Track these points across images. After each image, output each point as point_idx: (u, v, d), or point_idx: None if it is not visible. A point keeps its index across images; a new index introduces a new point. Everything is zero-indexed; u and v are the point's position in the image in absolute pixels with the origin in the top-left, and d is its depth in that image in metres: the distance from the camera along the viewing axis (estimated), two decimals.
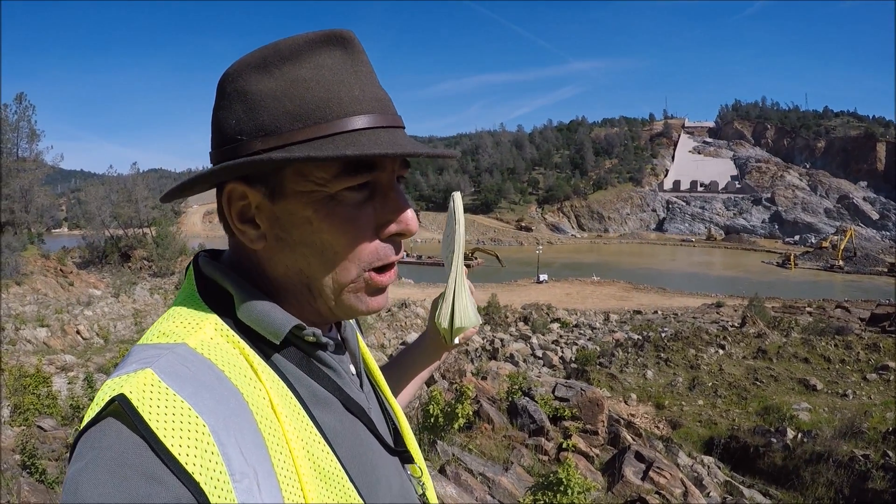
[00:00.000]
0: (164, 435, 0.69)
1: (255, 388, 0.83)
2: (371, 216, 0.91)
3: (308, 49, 0.89)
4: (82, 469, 0.68)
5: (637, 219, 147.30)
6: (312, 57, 0.89)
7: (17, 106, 48.29)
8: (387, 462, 1.03)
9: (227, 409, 0.76)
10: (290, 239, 0.91)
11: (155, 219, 60.73)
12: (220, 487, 0.69)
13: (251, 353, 0.86)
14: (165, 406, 0.72)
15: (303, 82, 0.88)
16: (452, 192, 1.34)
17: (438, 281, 71.37)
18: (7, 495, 5.61)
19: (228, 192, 0.92)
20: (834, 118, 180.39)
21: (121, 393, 0.72)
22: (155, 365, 0.76)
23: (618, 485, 7.21)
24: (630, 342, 24.03)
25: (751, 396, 14.80)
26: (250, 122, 0.88)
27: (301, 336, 0.92)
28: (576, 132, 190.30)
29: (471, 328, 1.38)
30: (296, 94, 0.87)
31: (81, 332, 23.21)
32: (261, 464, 0.76)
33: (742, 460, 10.52)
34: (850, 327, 24.11)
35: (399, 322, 33.76)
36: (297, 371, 0.91)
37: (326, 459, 0.87)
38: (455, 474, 6.35)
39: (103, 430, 0.71)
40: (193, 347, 0.82)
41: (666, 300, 56.65)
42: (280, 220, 0.90)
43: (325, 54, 0.90)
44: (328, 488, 0.86)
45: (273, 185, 0.89)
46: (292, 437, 0.83)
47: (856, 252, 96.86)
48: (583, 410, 9.03)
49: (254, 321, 0.89)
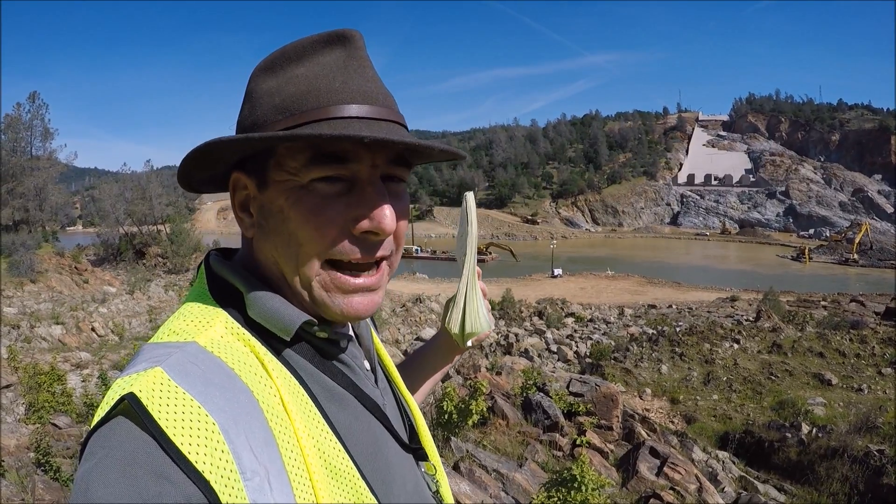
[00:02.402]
0: (173, 433, 0.69)
1: (265, 385, 0.83)
2: (342, 210, 0.89)
3: (311, 49, 0.92)
4: (92, 468, 0.68)
5: (651, 213, 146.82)
6: (314, 56, 0.92)
7: (30, 105, 48.58)
8: (401, 459, 1.03)
9: (238, 407, 0.76)
10: (268, 227, 0.92)
11: (169, 216, 60.80)
12: (230, 486, 0.69)
13: (262, 351, 0.87)
14: (175, 404, 0.72)
15: (294, 79, 0.90)
16: (465, 193, 1.31)
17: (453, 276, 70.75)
18: (22, 493, 5.64)
19: (233, 182, 0.96)
20: (848, 111, 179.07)
21: (130, 392, 0.72)
22: (165, 363, 0.77)
23: (632, 480, 7.19)
24: (645, 336, 23.99)
25: (766, 391, 14.75)
26: (249, 118, 0.93)
27: (312, 332, 0.92)
28: (589, 126, 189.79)
29: (482, 333, 1.34)
30: (284, 89, 0.90)
31: (96, 330, 23.30)
32: (272, 462, 0.76)
33: (757, 455, 10.47)
34: (865, 321, 23.93)
35: (414, 317, 33.79)
36: (309, 367, 0.91)
37: (338, 457, 0.87)
38: (469, 471, 6.35)
39: (113, 428, 0.71)
40: (203, 346, 0.83)
41: (680, 294, 56.46)
42: (263, 209, 0.92)
43: (326, 53, 0.92)
44: (339, 486, 0.85)
45: (260, 174, 0.92)
46: (303, 435, 0.83)
47: (872, 245, 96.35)
48: (597, 406, 9.02)
49: (264, 318, 0.89)
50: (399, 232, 0.97)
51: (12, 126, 46.49)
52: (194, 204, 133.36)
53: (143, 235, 59.18)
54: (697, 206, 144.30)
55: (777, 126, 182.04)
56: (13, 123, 46.63)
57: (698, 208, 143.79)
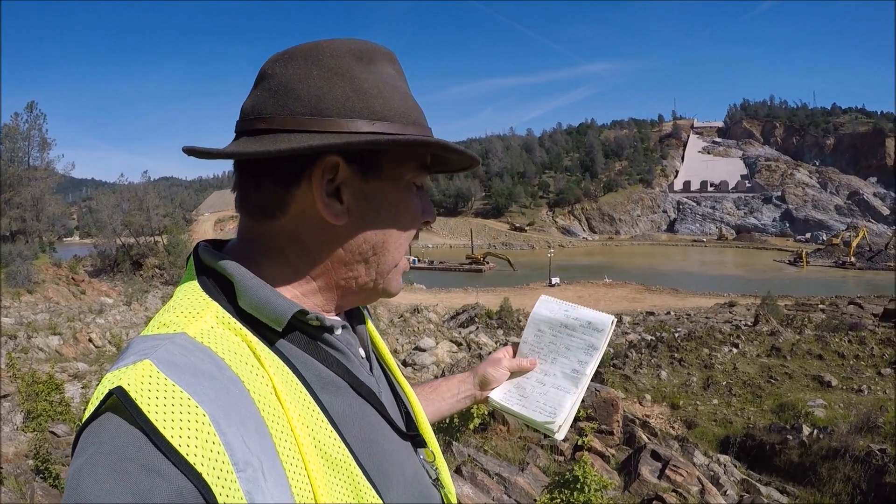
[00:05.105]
0: (163, 427, 0.69)
1: (257, 375, 0.82)
2: (420, 207, 1.02)
3: (379, 57, 0.96)
4: (83, 465, 0.68)
5: (648, 220, 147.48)
6: (382, 65, 0.96)
7: (28, 114, 48.64)
8: (399, 446, 1.03)
9: (229, 398, 0.76)
10: (378, 217, 0.95)
11: (166, 227, 60.94)
12: (223, 478, 0.69)
13: (254, 340, 0.86)
14: (164, 397, 0.71)
15: (390, 79, 0.96)
16: (613, 318, 1.48)
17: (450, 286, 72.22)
18: (21, 499, 5.62)
19: (325, 165, 0.90)
20: (842, 115, 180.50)
21: (118, 385, 0.71)
22: (153, 356, 0.76)
23: (634, 483, 7.18)
24: (643, 343, 23.92)
25: (765, 394, 14.72)
26: (360, 102, 0.91)
27: (305, 320, 0.91)
28: (585, 135, 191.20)
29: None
30: (388, 87, 0.94)
31: (94, 340, 23.27)
32: (265, 452, 0.76)
33: (758, 458, 10.46)
34: (864, 323, 23.90)
35: (412, 327, 33.79)
36: (303, 355, 0.91)
37: (333, 445, 0.87)
38: (471, 474, 6.35)
39: (103, 424, 0.71)
40: (193, 336, 0.82)
41: (679, 301, 56.57)
42: (370, 198, 0.94)
43: (387, 66, 0.97)
44: (335, 473, 0.85)
45: (369, 164, 0.93)
46: (297, 424, 0.82)
47: (871, 248, 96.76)
48: (598, 411, 9.01)
49: (255, 308, 0.88)
50: None
51: (10, 136, 46.50)
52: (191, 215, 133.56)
53: (141, 246, 59.28)
54: (694, 213, 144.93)
55: (772, 131, 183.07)
56: (11, 133, 46.66)
57: (695, 215, 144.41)
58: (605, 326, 1.45)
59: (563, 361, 1.45)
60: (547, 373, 1.46)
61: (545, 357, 1.48)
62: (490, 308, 40.78)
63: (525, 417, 1.42)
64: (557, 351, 1.47)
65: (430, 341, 26.34)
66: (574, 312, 1.50)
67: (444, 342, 27.20)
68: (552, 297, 1.57)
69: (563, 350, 1.46)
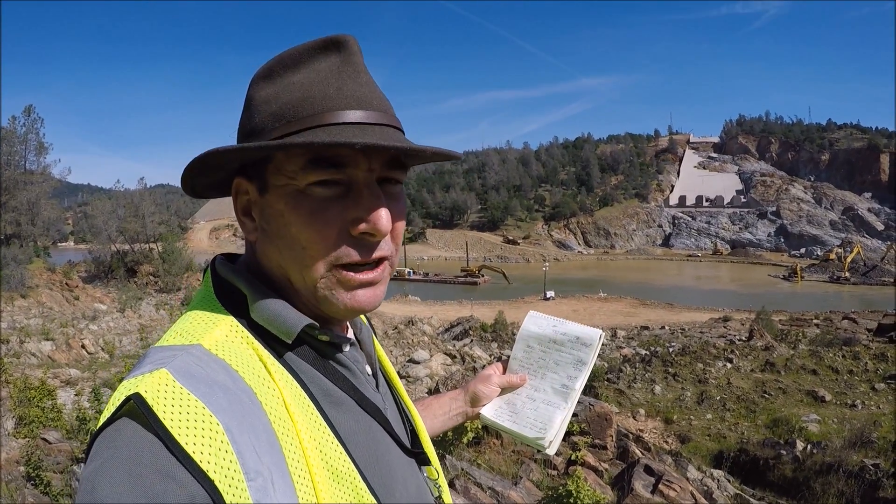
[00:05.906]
0: (178, 433, 0.70)
1: (268, 387, 0.84)
2: (339, 212, 0.92)
3: (307, 56, 0.95)
4: (98, 468, 0.69)
5: (643, 235, 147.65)
6: (310, 63, 0.95)
7: (25, 118, 48.47)
8: (403, 463, 1.04)
9: (241, 409, 0.78)
10: (270, 231, 0.95)
11: (162, 234, 60.73)
12: (234, 486, 0.71)
13: (265, 353, 0.88)
14: (180, 405, 0.73)
15: (290, 86, 0.93)
16: (601, 333, 1.49)
17: (445, 298, 72.36)
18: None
19: (235, 187, 0.99)
20: (837, 130, 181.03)
21: (136, 392, 0.73)
22: (170, 365, 0.78)
23: (627, 498, 7.16)
24: (638, 357, 23.94)
25: (759, 409, 14.74)
26: (248, 125, 0.96)
27: (314, 335, 0.93)
28: (581, 149, 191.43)
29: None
30: (281, 96, 0.93)
31: (87, 347, 23.16)
32: (275, 463, 0.78)
33: (752, 473, 10.45)
34: (858, 338, 23.92)
35: (406, 339, 33.69)
36: (311, 370, 0.92)
37: (339, 459, 0.88)
38: (464, 488, 6.34)
39: (119, 429, 0.72)
40: (208, 348, 0.84)
41: (673, 315, 56.72)
42: (264, 213, 0.95)
43: (321, 60, 0.95)
44: (341, 488, 0.86)
45: (261, 179, 0.94)
46: (305, 437, 0.84)
47: (865, 263, 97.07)
48: (591, 425, 9.00)
49: (266, 321, 0.91)
50: (396, 232, 0.99)
51: (7, 139, 46.37)
52: (187, 223, 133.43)
53: (135, 253, 58.98)
54: (689, 228, 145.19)
55: (767, 147, 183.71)
56: (8, 136, 46.52)
57: (690, 230, 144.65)
58: (593, 341, 1.46)
59: (552, 377, 1.47)
60: (537, 388, 1.48)
61: (535, 373, 1.50)
62: (485, 321, 40.87)
63: (516, 433, 1.43)
64: (547, 366, 1.49)
65: (424, 353, 26.30)
66: (562, 328, 1.52)
67: (438, 355, 27.15)
68: (540, 313, 1.60)
69: (552, 365, 1.48)
